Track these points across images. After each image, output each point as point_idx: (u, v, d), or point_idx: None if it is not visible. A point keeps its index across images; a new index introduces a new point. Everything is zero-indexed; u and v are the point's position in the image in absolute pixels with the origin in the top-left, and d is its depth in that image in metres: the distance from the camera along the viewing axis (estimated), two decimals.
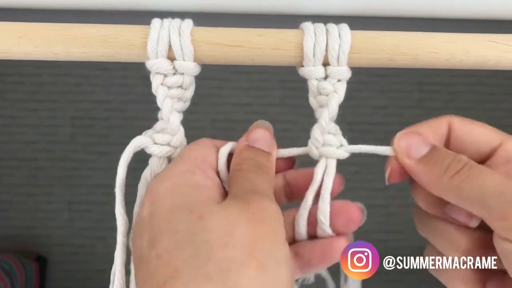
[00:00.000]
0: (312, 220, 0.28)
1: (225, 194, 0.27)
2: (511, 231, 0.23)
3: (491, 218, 0.24)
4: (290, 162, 0.30)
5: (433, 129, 0.28)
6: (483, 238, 0.27)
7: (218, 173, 0.28)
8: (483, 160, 0.27)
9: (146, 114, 0.31)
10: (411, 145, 0.27)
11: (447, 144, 0.28)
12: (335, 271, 0.29)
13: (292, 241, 0.28)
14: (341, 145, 0.29)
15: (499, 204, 0.23)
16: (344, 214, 0.27)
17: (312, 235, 0.28)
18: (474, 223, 0.26)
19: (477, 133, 0.27)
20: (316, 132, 0.29)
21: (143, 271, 0.23)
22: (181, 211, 0.23)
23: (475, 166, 0.25)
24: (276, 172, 0.29)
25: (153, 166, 0.29)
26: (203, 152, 0.28)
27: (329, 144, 0.29)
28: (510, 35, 0.29)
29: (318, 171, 0.28)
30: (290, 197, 0.30)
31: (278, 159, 0.29)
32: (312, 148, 0.29)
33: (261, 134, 0.29)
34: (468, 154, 0.27)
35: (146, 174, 0.29)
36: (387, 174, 0.28)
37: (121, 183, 0.28)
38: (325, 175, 0.28)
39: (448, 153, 0.26)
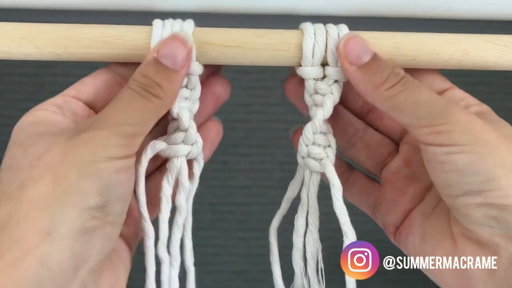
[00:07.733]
0: None
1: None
2: (433, 135, 0.26)
3: (418, 125, 0.26)
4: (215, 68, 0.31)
5: None
6: None
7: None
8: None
9: None
10: (355, 50, 0.27)
11: None
12: (334, 271, 0.29)
13: None
14: (329, 146, 0.30)
15: (428, 114, 0.26)
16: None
17: None
18: None
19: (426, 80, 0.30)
20: (308, 131, 0.29)
21: None
22: (14, 144, 0.26)
23: (410, 80, 0.27)
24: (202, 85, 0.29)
25: (172, 168, 0.29)
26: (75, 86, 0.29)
27: (313, 157, 0.30)
28: (509, 36, 0.30)
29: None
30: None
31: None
32: (299, 156, 0.30)
33: (171, 49, 0.26)
34: None
35: (169, 179, 0.29)
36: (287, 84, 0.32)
37: (141, 193, 0.28)
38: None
39: (387, 64, 0.27)
